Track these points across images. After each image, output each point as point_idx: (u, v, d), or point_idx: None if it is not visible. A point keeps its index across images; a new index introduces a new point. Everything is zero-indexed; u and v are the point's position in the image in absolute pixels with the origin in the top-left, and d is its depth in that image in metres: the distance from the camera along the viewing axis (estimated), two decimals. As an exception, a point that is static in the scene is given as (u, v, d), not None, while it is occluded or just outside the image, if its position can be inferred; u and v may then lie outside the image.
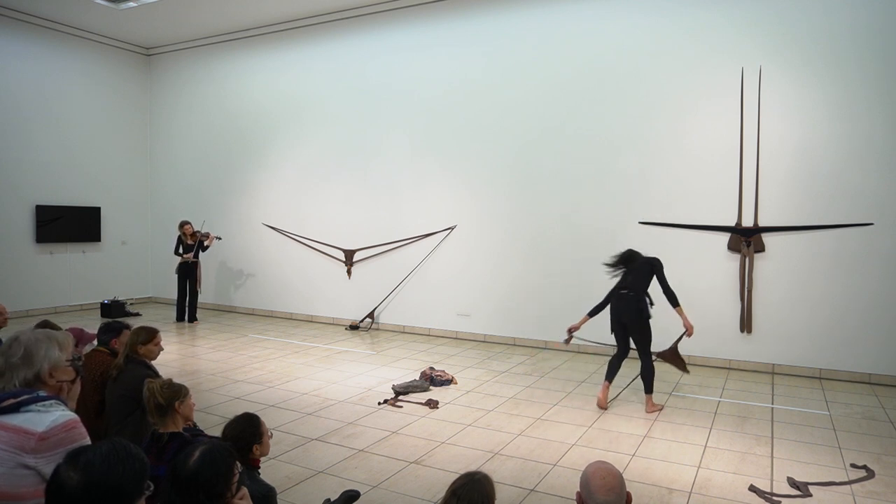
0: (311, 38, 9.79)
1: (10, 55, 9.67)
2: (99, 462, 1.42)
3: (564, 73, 7.81)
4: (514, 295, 8.12)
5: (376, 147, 9.21)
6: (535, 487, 3.79)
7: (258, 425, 2.75)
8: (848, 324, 6.42)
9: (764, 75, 6.72)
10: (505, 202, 8.22)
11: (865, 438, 4.70)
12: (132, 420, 3.47)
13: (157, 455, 2.63)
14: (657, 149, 7.27)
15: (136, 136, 11.60)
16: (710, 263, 7.00)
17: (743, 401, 5.68)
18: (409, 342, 8.28)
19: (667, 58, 7.22)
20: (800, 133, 6.60)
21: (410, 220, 8.92)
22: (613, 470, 2.02)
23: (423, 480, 3.87)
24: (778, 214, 6.70)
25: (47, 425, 1.83)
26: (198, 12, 9.58)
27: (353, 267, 9.44)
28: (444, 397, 5.67)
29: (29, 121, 9.93)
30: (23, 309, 9.74)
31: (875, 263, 6.30)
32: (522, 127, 8.07)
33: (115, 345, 3.91)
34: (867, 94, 6.30)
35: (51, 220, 10.13)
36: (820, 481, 3.88)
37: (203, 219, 10.31)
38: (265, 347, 7.83)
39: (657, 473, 4.01)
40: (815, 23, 6.51)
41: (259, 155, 10.40)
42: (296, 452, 4.31)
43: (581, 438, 4.66)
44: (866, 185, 6.32)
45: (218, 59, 10.82)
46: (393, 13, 9.02)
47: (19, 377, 2.02)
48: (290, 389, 5.92)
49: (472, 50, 8.42)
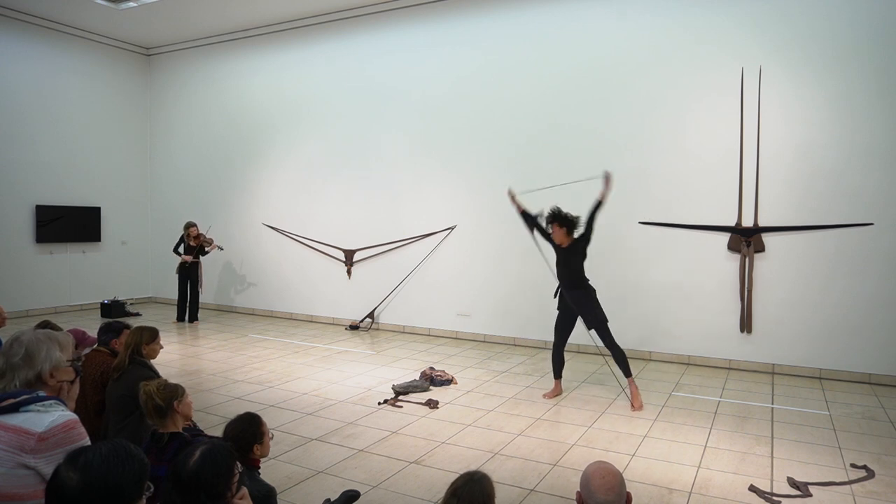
0: (311, 38, 9.79)
1: (10, 55, 9.67)
2: (98, 462, 1.42)
3: (564, 73, 7.81)
4: (514, 295, 8.12)
5: (376, 147, 9.21)
6: (535, 487, 3.79)
7: (259, 425, 2.75)
8: (848, 324, 6.42)
9: (764, 75, 6.72)
10: (505, 202, 8.17)
11: (865, 438, 4.70)
12: (132, 420, 3.47)
13: (158, 455, 2.63)
14: (657, 148, 7.27)
15: (136, 136, 11.60)
16: (710, 263, 7.00)
17: (743, 401, 5.68)
18: (409, 342, 8.28)
19: (666, 57, 7.22)
20: (800, 133, 6.60)
21: (410, 220, 8.92)
22: (613, 470, 2.02)
23: (423, 480, 3.87)
24: (778, 214, 6.70)
25: (47, 425, 1.84)
26: (198, 12, 9.58)
27: (353, 267, 9.44)
28: (444, 397, 5.67)
29: (29, 121, 9.93)
30: (23, 309, 9.74)
31: (875, 263, 6.30)
32: (522, 126, 8.07)
33: (116, 345, 3.90)
34: (867, 94, 6.30)
35: (51, 220, 10.13)
36: (820, 481, 3.88)
37: (203, 220, 10.31)
38: (265, 347, 7.83)
39: (657, 473, 4.01)
40: (816, 22, 6.51)
41: (259, 155, 10.40)
42: (296, 452, 4.31)
43: (581, 438, 4.66)
44: (866, 185, 6.32)
45: (218, 59, 10.82)
46: (393, 13, 9.02)
47: (20, 377, 2.02)
48: (290, 389, 5.92)
49: (472, 50, 8.42)
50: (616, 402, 5.60)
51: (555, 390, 5.76)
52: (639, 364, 6.87)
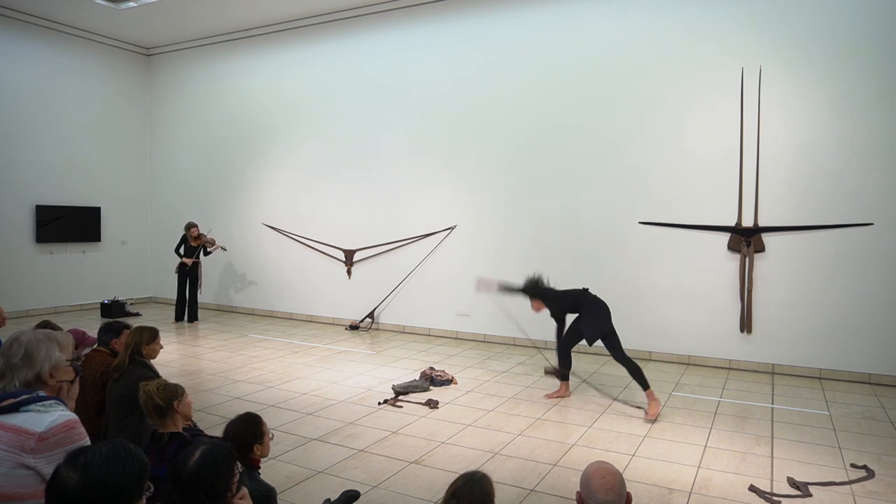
0: (311, 38, 9.79)
1: (10, 55, 9.67)
2: (98, 462, 1.42)
3: (564, 73, 7.81)
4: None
5: (376, 147, 9.21)
6: (535, 487, 3.79)
7: (259, 425, 2.75)
8: (848, 324, 6.42)
9: (764, 75, 6.72)
10: (505, 202, 8.22)
11: (865, 438, 4.70)
12: (132, 420, 3.47)
13: (158, 455, 2.63)
14: (657, 148, 7.27)
15: (136, 136, 11.60)
16: (710, 263, 7.00)
17: (743, 401, 5.68)
18: (409, 342, 8.28)
19: (666, 57, 7.22)
20: (800, 133, 6.60)
21: (410, 220, 8.92)
22: (613, 470, 2.02)
23: (423, 480, 3.87)
24: (778, 214, 6.70)
25: (47, 425, 1.84)
26: (198, 12, 9.58)
27: (353, 267, 9.44)
28: (444, 397, 5.67)
29: (29, 121, 9.93)
30: (23, 309, 9.74)
31: (875, 263, 6.30)
32: (522, 126, 8.07)
33: (116, 345, 3.90)
34: (867, 94, 6.30)
35: (51, 220, 10.13)
36: (820, 481, 3.88)
37: (203, 220, 10.32)
38: (265, 347, 7.83)
39: (657, 473, 4.01)
40: (816, 22, 6.51)
41: (259, 155, 10.40)
42: (296, 452, 4.31)
43: (581, 438, 4.66)
44: (866, 185, 6.32)
45: (218, 59, 10.82)
46: (393, 13, 9.02)
47: (20, 377, 2.02)
48: (290, 389, 5.92)
49: (472, 50, 8.42)
50: (616, 402, 5.60)
51: (559, 391, 5.73)
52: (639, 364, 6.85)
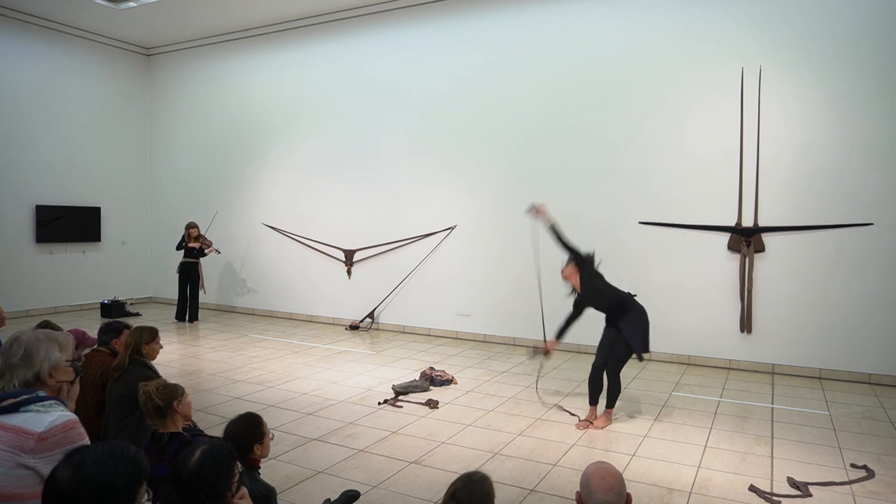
0: (311, 38, 9.79)
1: (10, 55, 9.67)
2: (91, 461, 1.42)
3: (564, 73, 7.81)
4: (514, 295, 8.11)
5: (376, 147, 9.21)
6: (535, 487, 3.79)
7: (259, 425, 2.75)
8: (848, 324, 6.42)
9: (764, 75, 6.72)
10: (505, 202, 8.21)
11: (865, 438, 4.70)
12: (132, 420, 3.47)
13: (158, 455, 2.63)
14: (657, 148, 7.27)
15: (136, 136, 11.60)
16: (710, 263, 7.00)
17: (743, 401, 5.68)
18: (409, 342, 8.27)
19: (666, 57, 7.22)
20: (800, 133, 6.60)
21: (410, 220, 8.92)
22: (613, 470, 2.02)
23: (423, 480, 3.87)
24: (778, 214, 6.70)
25: (46, 425, 1.83)
26: (198, 12, 9.58)
27: (353, 267, 9.44)
28: (444, 397, 5.67)
29: (29, 121, 9.92)
30: (23, 309, 9.74)
31: (875, 263, 6.30)
32: (522, 126, 8.07)
33: (116, 345, 3.90)
34: (867, 94, 6.30)
35: (51, 220, 10.13)
36: (820, 481, 3.88)
37: (203, 220, 10.30)
38: (265, 347, 7.83)
39: (657, 473, 4.01)
40: (816, 22, 6.51)
41: (259, 155, 10.40)
42: (296, 452, 4.31)
43: (581, 438, 4.66)
44: (866, 185, 6.32)
45: (218, 59, 10.81)
46: (393, 13, 9.01)
47: (19, 377, 2.02)
48: (290, 389, 5.92)
49: (472, 50, 8.42)
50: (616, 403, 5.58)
51: (589, 417, 5.01)
52: (639, 364, 6.86)
